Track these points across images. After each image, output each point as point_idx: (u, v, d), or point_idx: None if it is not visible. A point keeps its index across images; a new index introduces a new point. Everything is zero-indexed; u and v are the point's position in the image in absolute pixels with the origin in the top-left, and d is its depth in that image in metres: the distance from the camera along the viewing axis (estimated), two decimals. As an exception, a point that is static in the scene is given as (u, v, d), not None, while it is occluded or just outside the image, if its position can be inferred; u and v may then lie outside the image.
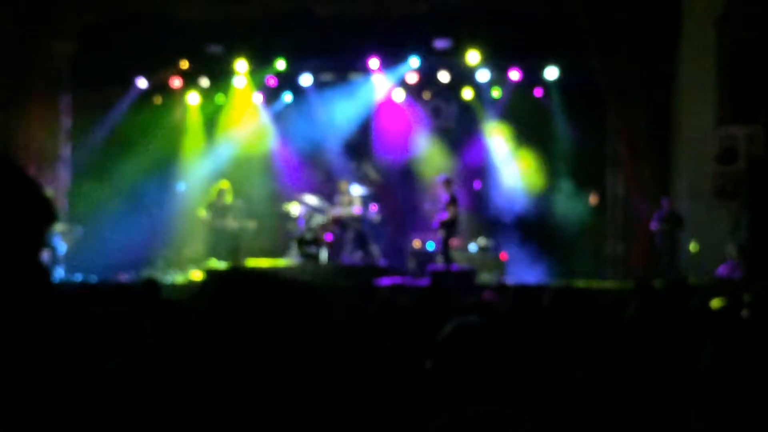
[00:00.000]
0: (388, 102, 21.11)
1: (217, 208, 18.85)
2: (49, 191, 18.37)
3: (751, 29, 16.82)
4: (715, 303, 7.41)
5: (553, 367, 4.00)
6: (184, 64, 20.28)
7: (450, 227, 17.71)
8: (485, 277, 17.92)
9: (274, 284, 2.35)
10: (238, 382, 2.46)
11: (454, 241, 18.55)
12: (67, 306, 5.22)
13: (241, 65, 20.16)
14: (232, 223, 18.94)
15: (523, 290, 6.45)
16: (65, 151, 20.15)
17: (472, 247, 19.29)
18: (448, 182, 17.91)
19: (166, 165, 20.89)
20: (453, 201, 17.71)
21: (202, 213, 18.90)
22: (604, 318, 5.84)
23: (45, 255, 17.52)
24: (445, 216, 17.58)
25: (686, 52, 18.16)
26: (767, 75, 16.41)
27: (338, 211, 18.84)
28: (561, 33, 18.75)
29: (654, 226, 17.26)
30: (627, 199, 19.05)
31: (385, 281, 17.01)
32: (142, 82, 20.62)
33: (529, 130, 20.59)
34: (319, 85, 21.08)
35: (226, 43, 20.24)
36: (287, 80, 20.90)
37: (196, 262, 18.93)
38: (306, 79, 20.83)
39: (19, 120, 18.39)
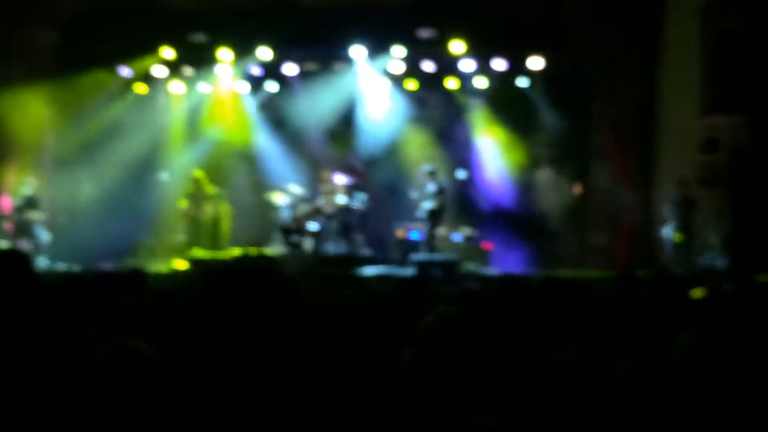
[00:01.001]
0: (372, 91, 21.07)
1: (196, 198, 18.87)
2: (32, 180, 18.32)
3: (734, 19, 16.84)
4: (697, 293, 7.42)
5: (536, 359, 3.99)
6: (168, 53, 20.15)
7: (436, 217, 17.77)
8: (469, 267, 17.92)
9: (253, 275, 2.34)
10: (218, 371, 2.45)
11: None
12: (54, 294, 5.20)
13: (224, 54, 20.05)
14: (209, 211, 18.97)
15: (507, 280, 6.44)
16: (48, 139, 20.04)
17: (456, 237, 19.27)
18: (433, 172, 17.96)
19: (149, 154, 20.83)
20: (440, 191, 17.76)
21: (184, 203, 18.94)
22: (588, 308, 5.84)
23: (27, 244, 17.49)
24: (431, 205, 17.66)
25: (670, 42, 18.18)
26: (751, 65, 16.45)
27: (322, 201, 18.84)
28: (546, 23, 18.73)
29: (666, 212, 17.10)
30: (611, 189, 19.07)
31: (369, 270, 17.01)
32: (125, 71, 20.51)
33: (514, 120, 20.60)
34: (303, 74, 21.02)
35: (210, 31, 20.16)
36: (271, 69, 20.82)
37: (179, 251, 18.89)
38: (290, 69, 20.75)
39: (1, 109, 18.27)
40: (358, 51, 19.89)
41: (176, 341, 2.97)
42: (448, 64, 20.18)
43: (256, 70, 20.82)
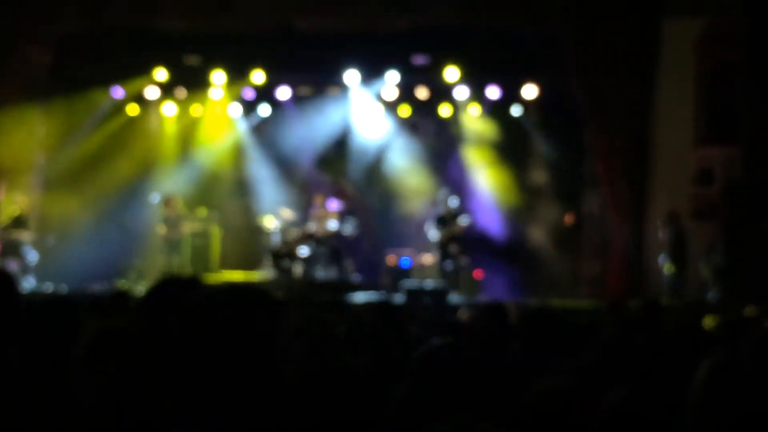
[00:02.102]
0: (365, 117, 21.04)
1: (171, 220, 18.84)
2: (22, 200, 18.24)
3: (729, 51, 16.86)
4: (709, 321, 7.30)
5: (524, 388, 3.92)
6: (161, 75, 20.09)
7: (449, 242, 17.94)
8: (460, 295, 17.85)
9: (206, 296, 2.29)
10: (199, 394, 2.38)
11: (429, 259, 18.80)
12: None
13: (218, 77, 20.01)
14: (188, 231, 19.01)
15: (494, 308, 6.36)
16: (39, 160, 19.96)
17: (447, 265, 19.19)
18: (448, 198, 18.14)
19: (140, 175, 20.78)
20: (454, 216, 17.96)
21: (162, 228, 18.94)
22: (577, 338, 5.79)
23: (15, 264, 17.38)
24: (445, 232, 17.83)
25: (665, 73, 18.18)
26: (745, 97, 16.45)
27: (313, 226, 18.78)
28: (540, 52, 18.77)
29: (659, 243, 17.06)
30: (603, 219, 19.02)
31: (359, 297, 16.94)
32: (118, 92, 20.45)
33: (507, 148, 20.64)
34: (296, 98, 21.00)
35: (204, 54, 20.14)
36: (264, 93, 20.80)
37: (169, 273, 18.77)
38: (283, 93, 20.71)
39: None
40: (351, 76, 19.86)
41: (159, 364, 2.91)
42: (442, 91, 20.18)
43: (249, 94, 20.78)
